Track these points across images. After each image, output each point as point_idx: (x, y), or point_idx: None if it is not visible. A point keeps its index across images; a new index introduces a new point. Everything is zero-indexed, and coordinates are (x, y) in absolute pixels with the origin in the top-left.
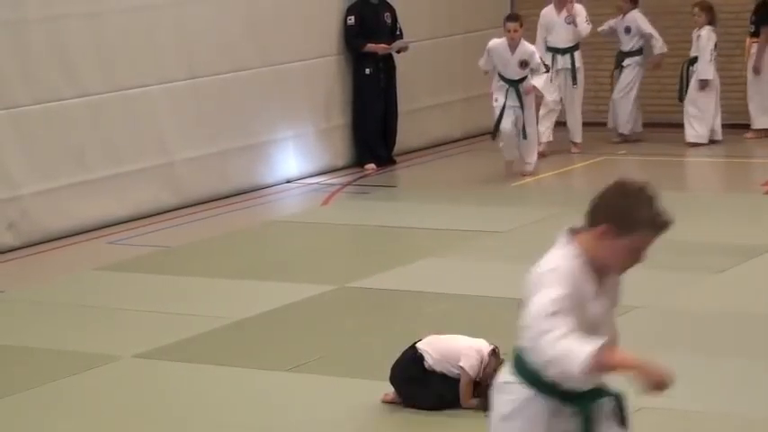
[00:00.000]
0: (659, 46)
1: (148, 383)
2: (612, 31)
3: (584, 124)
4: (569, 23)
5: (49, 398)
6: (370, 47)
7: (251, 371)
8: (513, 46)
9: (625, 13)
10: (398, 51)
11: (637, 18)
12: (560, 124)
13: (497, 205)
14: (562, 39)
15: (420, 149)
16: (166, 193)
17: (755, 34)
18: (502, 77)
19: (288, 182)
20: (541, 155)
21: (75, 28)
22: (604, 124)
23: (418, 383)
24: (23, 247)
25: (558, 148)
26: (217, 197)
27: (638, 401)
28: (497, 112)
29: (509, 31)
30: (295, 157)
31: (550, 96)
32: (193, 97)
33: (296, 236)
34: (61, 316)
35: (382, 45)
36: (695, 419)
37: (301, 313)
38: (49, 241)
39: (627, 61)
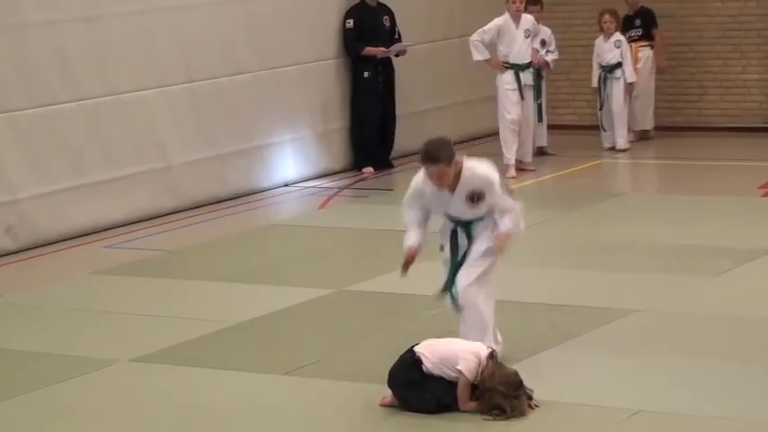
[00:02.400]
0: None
1: (145, 387)
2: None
3: (580, 127)
4: (528, 36)
5: (46, 402)
6: (369, 50)
7: (248, 374)
8: None
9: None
10: (397, 55)
11: (548, 30)
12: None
13: None
14: (523, 54)
15: (417, 153)
16: (164, 197)
17: (644, 38)
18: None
19: (285, 185)
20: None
21: (72, 32)
22: (598, 127)
23: (416, 387)
24: (21, 251)
25: (555, 152)
26: (214, 201)
27: (636, 403)
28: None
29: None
30: (293, 161)
31: (511, 115)
32: (191, 101)
33: (294, 239)
34: (58, 320)
35: (381, 48)
36: (694, 423)
37: (299, 317)
38: (46, 245)
39: (543, 73)
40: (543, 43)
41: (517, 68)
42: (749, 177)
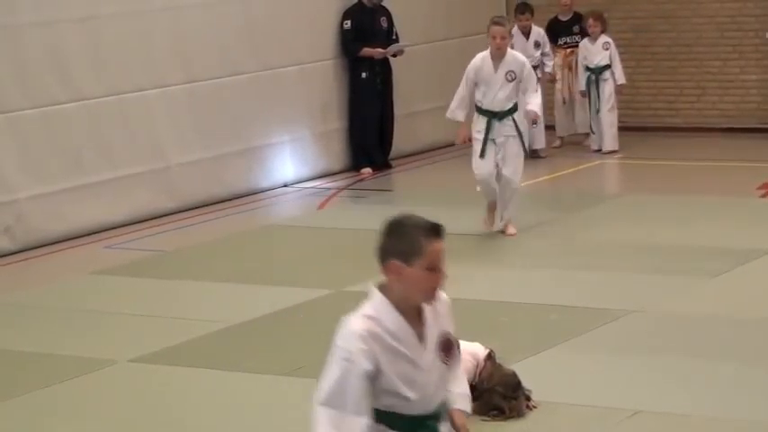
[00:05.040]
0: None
1: (144, 388)
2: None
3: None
4: (511, 80)
5: (45, 402)
6: (367, 51)
7: (248, 375)
8: None
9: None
10: (394, 55)
11: (541, 30)
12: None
13: None
14: (501, 101)
15: (416, 154)
16: (163, 197)
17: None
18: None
19: (284, 186)
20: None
21: (70, 32)
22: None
23: None
24: (20, 252)
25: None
26: (213, 201)
27: (634, 404)
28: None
29: None
30: (291, 161)
31: (482, 170)
32: (189, 101)
33: (292, 240)
34: (57, 320)
35: (378, 49)
36: (693, 423)
37: (298, 317)
38: (45, 245)
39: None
40: (537, 45)
41: (490, 116)
42: (748, 178)
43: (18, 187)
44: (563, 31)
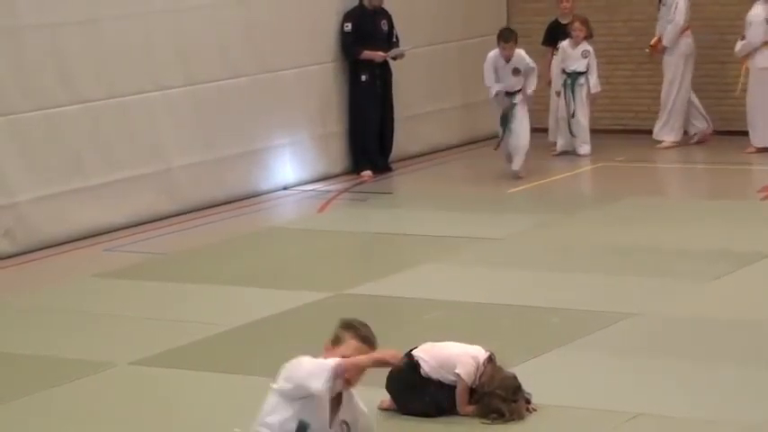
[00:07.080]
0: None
1: (144, 390)
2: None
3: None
4: None
5: (45, 405)
6: (367, 54)
7: (248, 377)
8: None
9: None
10: (394, 58)
11: (521, 53)
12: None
13: (494, 212)
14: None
15: (416, 156)
16: (163, 200)
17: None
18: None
19: (284, 188)
20: None
21: (72, 35)
22: (605, 131)
23: (414, 391)
24: (20, 254)
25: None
26: (214, 204)
27: (635, 407)
28: None
29: None
30: (292, 164)
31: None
32: (190, 104)
33: (292, 242)
34: (57, 323)
35: (379, 53)
36: (692, 426)
37: (298, 320)
38: (45, 248)
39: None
40: (517, 71)
41: None
42: (748, 181)
43: (19, 189)
44: (562, 35)
